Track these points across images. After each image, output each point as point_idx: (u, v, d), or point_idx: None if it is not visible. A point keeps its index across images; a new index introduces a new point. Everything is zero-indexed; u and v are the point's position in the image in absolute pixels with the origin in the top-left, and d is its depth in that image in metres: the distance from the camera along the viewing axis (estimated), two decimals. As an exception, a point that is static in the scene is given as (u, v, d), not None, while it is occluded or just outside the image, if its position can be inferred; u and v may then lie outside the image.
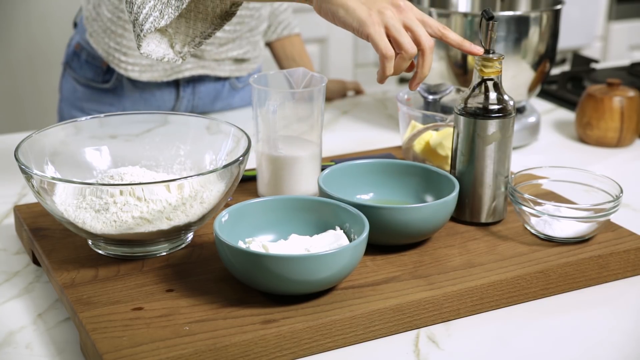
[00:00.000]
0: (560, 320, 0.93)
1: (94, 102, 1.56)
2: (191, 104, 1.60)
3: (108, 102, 1.55)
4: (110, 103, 1.56)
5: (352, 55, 2.85)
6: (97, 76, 1.55)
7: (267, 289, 0.88)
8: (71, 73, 1.58)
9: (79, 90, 1.57)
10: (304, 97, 1.10)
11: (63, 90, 1.62)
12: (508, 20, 1.35)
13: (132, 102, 1.56)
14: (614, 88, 1.44)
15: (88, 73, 1.55)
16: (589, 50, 3.11)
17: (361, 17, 0.97)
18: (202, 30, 1.10)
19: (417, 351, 0.87)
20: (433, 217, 0.98)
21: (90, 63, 1.55)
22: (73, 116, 1.57)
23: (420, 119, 1.20)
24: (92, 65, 1.55)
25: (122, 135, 1.11)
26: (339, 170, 1.07)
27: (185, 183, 0.94)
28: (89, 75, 1.55)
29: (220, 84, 1.61)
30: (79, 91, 1.57)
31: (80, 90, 1.57)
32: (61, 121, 1.55)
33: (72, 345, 0.88)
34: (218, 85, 1.61)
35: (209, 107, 1.62)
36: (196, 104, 1.60)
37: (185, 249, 1.00)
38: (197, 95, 1.59)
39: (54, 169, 1.03)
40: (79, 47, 1.56)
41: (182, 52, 1.10)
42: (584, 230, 1.01)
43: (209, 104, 1.62)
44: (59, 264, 0.96)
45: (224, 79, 1.61)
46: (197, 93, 1.58)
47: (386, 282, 0.93)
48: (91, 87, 1.56)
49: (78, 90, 1.58)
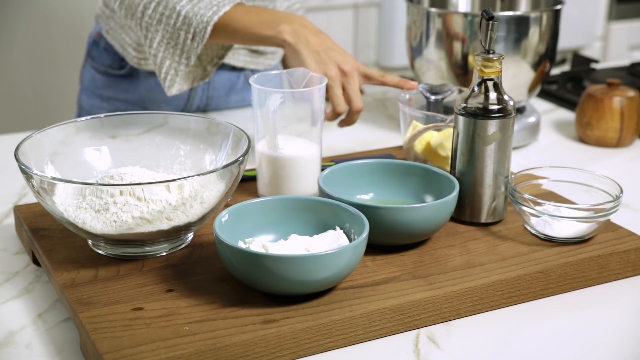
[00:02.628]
0: (560, 320, 0.93)
1: (111, 90, 1.60)
2: (206, 94, 1.61)
3: (124, 88, 1.59)
4: (127, 90, 1.59)
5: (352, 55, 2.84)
6: (114, 62, 1.59)
7: (267, 289, 0.88)
8: (91, 62, 1.63)
9: (97, 78, 1.61)
10: (304, 97, 1.10)
11: (84, 80, 1.66)
12: (508, 20, 1.35)
13: (147, 89, 1.58)
14: (614, 88, 1.44)
15: (106, 60, 1.59)
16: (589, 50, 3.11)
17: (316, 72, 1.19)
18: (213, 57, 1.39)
19: (417, 351, 0.87)
20: (433, 217, 0.98)
21: (108, 50, 1.59)
22: (92, 105, 1.62)
23: (420, 119, 1.20)
24: (110, 52, 1.58)
25: (122, 135, 1.11)
26: (339, 170, 1.07)
27: (185, 183, 0.94)
28: (106, 62, 1.60)
29: (235, 75, 1.61)
30: (97, 79, 1.61)
31: (99, 79, 1.61)
32: (80, 112, 1.66)
33: (72, 345, 0.88)
34: (233, 76, 1.61)
35: (224, 99, 1.63)
36: (210, 95, 1.61)
37: (185, 249, 1.00)
38: (212, 85, 1.60)
39: (54, 169, 1.03)
40: (98, 36, 1.61)
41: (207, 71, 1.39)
42: (584, 231, 1.01)
43: (224, 96, 1.62)
44: (59, 264, 0.96)
45: (239, 70, 1.61)
46: (211, 82, 1.59)
47: (386, 282, 0.93)
48: (109, 74, 1.60)
49: (97, 79, 1.61)
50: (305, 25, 1.27)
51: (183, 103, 1.60)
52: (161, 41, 1.33)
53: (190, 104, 1.61)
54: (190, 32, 1.29)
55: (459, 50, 1.38)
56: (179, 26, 1.30)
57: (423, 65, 1.44)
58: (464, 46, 1.37)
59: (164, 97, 1.58)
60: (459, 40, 1.37)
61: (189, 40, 1.30)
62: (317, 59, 1.23)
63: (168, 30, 1.31)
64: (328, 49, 1.25)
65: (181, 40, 1.30)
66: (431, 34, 1.40)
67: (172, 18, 1.30)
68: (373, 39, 2.85)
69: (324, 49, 1.25)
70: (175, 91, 1.35)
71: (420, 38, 1.42)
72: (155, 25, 1.32)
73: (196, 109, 1.62)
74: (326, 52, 1.25)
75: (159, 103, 1.59)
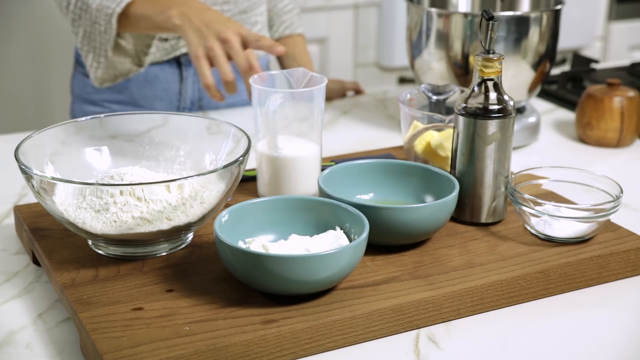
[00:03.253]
0: (560, 320, 0.93)
1: (103, 93, 1.60)
2: (197, 87, 1.61)
3: (116, 90, 1.59)
4: (118, 91, 1.59)
5: (352, 55, 2.85)
6: None
7: (267, 289, 0.88)
8: (80, 69, 1.63)
9: (88, 84, 1.61)
10: (304, 97, 1.10)
11: (75, 88, 1.66)
12: (508, 20, 1.35)
13: (139, 87, 1.58)
14: (614, 88, 1.44)
15: None
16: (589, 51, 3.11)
17: (192, 51, 1.27)
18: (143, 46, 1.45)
19: (417, 351, 0.87)
20: (433, 217, 0.98)
21: None
22: (85, 113, 1.62)
23: (421, 119, 1.20)
24: None
25: (122, 135, 1.11)
26: (339, 170, 1.07)
27: (185, 183, 0.94)
28: None
29: None
30: (88, 85, 1.61)
31: (90, 84, 1.60)
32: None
33: (72, 346, 0.88)
34: None
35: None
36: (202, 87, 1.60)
37: (185, 249, 1.00)
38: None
39: (54, 169, 1.03)
40: None
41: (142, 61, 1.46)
42: (584, 231, 1.01)
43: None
44: (59, 264, 0.96)
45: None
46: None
47: (386, 282, 0.93)
48: None
49: (88, 85, 1.61)
50: (193, 6, 1.31)
51: (176, 98, 1.60)
52: (84, 35, 1.40)
53: (183, 97, 1.60)
54: (102, 25, 1.36)
55: (459, 51, 1.38)
56: (93, 20, 1.37)
57: (423, 65, 1.44)
58: (464, 46, 1.37)
59: (157, 93, 1.58)
60: (459, 40, 1.37)
61: (103, 33, 1.36)
62: (199, 35, 1.27)
63: (87, 25, 1.38)
64: (211, 22, 1.28)
65: (97, 33, 1.38)
66: (431, 34, 1.40)
67: (88, 12, 1.36)
68: (373, 39, 2.85)
69: (207, 23, 1.28)
70: (106, 84, 1.43)
71: (420, 38, 1.42)
72: (78, 20, 1.38)
73: (190, 103, 1.61)
74: (208, 25, 1.27)
75: (152, 100, 1.58)
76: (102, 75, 1.44)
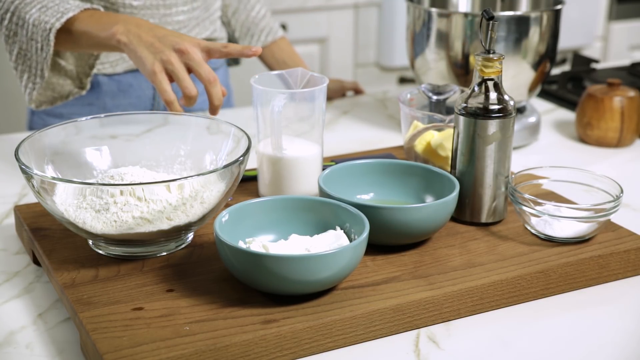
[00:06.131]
0: (560, 320, 0.93)
1: (71, 106, 1.52)
2: None
3: (87, 102, 1.52)
4: (90, 102, 1.52)
5: (352, 55, 2.85)
6: None
7: (267, 289, 0.88)
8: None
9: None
10: (305, 97, 1.10)
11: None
12: (508, 20, 1.35)
13: (112, 96, 1.52)
14: (614, 88, 1.44)
15: None
16: (589, 50, 3.11)
17: (147, 68, 1.16)
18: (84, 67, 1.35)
19: (417, 351, 0.87)
20: (433, 217, 0.98)
21: None
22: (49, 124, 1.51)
23: (421, 119, 1.20)
24: None
25: (122, 135, 1.11)
26: (339, 170, 1.07)
27: (186, 183, 0.94)
28: None
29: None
30: None
31: None
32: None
33: (72, 345, 0.88)
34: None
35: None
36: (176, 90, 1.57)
37: (185, 249, 1.00)
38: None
39: (54, 169, 1.03)
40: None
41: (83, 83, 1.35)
42: (584, 230, 1.01)
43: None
44: (59, 264, 0.96)
45: None
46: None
47: (386, 282, 0.93)
48: None
49: None
50: (140, 24, 1.21)
51: (150, 103, 1.55)
52: (18, 53, 1.29)
53: (157, 102, 1.55)
54: (39, 41, 1.25)
55: (459, 50, 1.38)
56: (29, 36, 1.26)
57: (423, 65, 1.44)
58: (464, 46, 1.37)
59: (131, 100, 1.53)
60: (459, 40, 1.37)
61: (39, 50, 1.26)
62: (152, 50, 1.17)
63: (23, 41, 1.27)
64: (163, 37, 1.18)
65: (33, 50, 1.27)
66: (431, 34, 1.40)
67: (24, 28, 1.27)
68: (373, 39, 2.85)
69: (159, 37, 1.18)
70: (43, 106, 1.32)
71: (421, 38, 1.42)
72: (12, 37, 1.29)
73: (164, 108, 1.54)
74: (161, 40, 1.18)
75: (126, 108, 1.52)
76: (39, 97, 1.32)
